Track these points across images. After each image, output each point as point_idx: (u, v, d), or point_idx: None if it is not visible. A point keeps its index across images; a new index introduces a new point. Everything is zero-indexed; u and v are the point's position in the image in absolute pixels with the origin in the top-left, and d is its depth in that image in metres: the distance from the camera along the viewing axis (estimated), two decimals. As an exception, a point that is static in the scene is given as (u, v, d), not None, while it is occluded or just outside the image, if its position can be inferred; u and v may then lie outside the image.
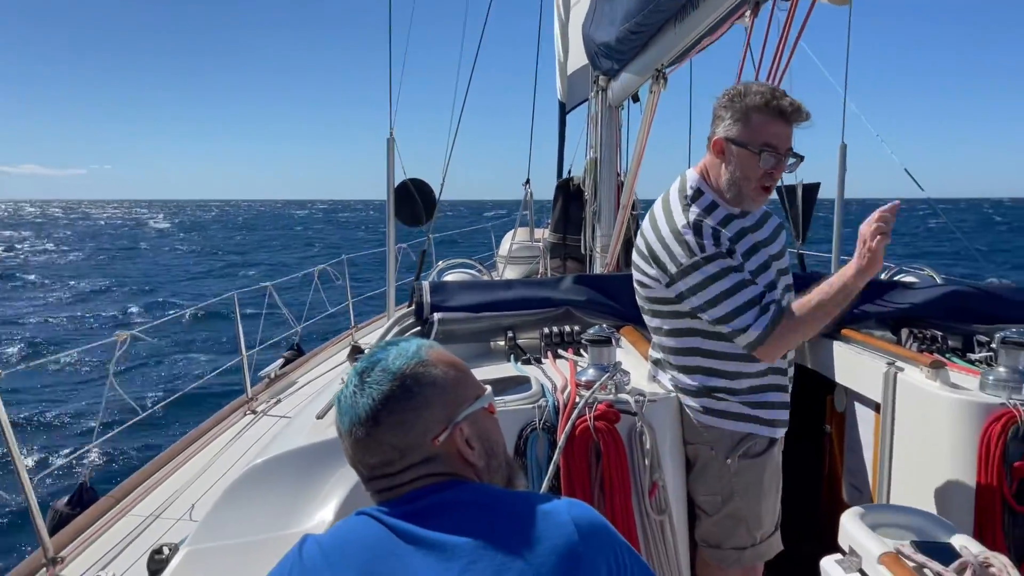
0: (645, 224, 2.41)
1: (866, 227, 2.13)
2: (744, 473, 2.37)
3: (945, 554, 1.77)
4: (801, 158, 2.29)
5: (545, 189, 7.15)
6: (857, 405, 3.14)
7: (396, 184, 5.58)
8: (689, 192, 2.34)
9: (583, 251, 6.15)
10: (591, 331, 2.55)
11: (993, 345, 2.68)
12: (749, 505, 2.39)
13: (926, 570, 1.74)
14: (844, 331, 3.28)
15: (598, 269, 5.50)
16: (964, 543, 1.84)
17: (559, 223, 6.73)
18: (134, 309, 22.95)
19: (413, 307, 3.36)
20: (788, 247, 2.55)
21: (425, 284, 3.40)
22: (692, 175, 2.38)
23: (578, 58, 7.13)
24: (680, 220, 2.29)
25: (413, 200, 5.72)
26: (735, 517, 2.40)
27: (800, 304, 2.24)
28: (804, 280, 3.48)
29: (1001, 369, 2.51)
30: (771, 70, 3.45)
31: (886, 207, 2.14)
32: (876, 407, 2.89)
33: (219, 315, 16.35)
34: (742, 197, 2.30)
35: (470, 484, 1.24)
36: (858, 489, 3.15)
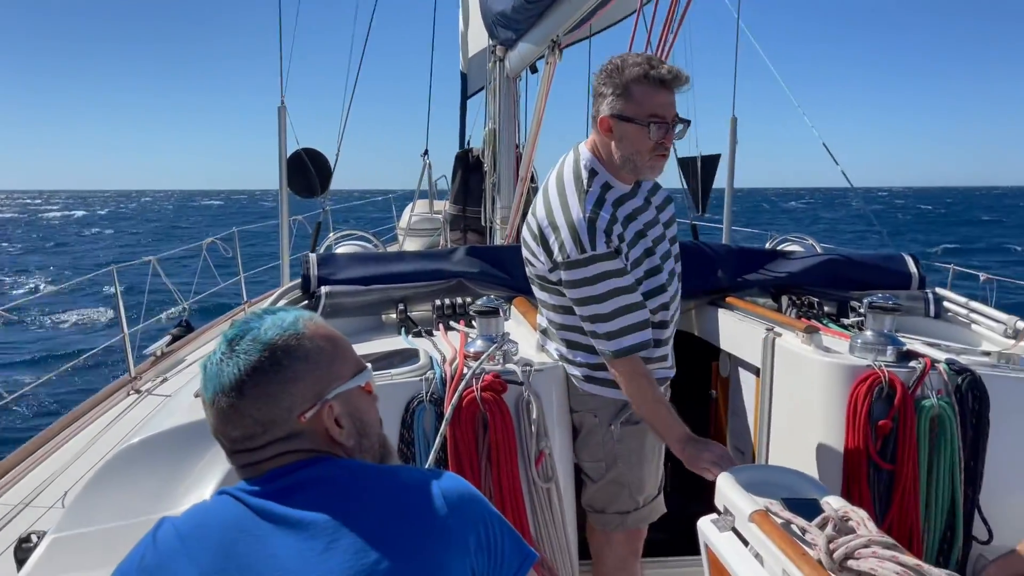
0: (539, 204, 2.36)
1: (701, 463, 2.24)
2: (627, 439, 2.42)
3: (811, 510, 1.85)
4: (688, 123, 2.29)
5: (449, 163, 7.10)
6: (740, 370, 3.26)
7: (288, 154, 5.43)
8: (585, 175, 2.30)
9: (483, 223, 6.14)
10: (479, 302, 2.54)
11: (862, 310, 2.81)
12: (632, 470, 2.44)
13: (792, 526, 1.82)
14: (728, 299, 3.39)
15: (498, 241, 5.50)
16: (828, 499, 1.92)
17: (459, 195, 6.70)
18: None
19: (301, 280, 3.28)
20: (681, 217, 2.61)
21: (312, 256, 3.33)
22: (585, 153, 2.35)
23: (482, 34, 7.07)
24: (576, 212, 2.24)
25: (307, 170, 5.58)
26: (618, 482, 2.45)
27: (644, 373, 2.31)
28: (695, 249, 3.58)
29: (868, 333, 2.63)
30: (660, 43, 3.50)
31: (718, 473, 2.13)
32: (757, 372, 3.00)
33: (96, 292, 15.66)
34: (639, 170, 2.30)
35: (336, 460, 1.21)
36: (741, 451, 3.27)
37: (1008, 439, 2.51)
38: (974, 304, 3.38)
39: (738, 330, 3.21)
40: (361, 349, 2.85)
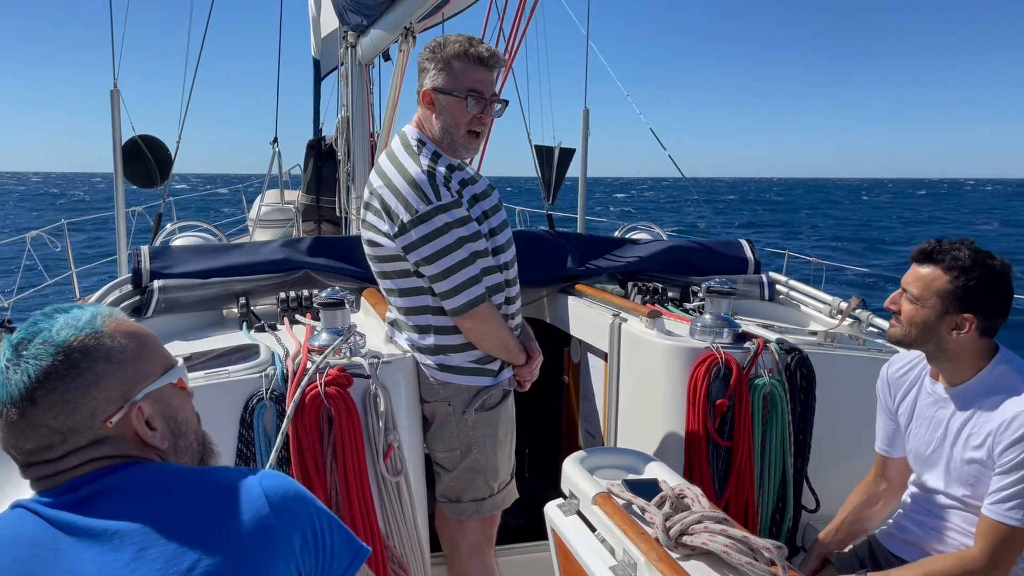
0: (374, 180, 2.38)
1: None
2: (481, 426, 2.42)
3: (650, 489, 1.91)
4: (506, 103, 2.44)
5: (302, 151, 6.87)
6: (590, 356, 3.33)
7: (124, 141, 5.09)
8: (414, 143, 2.37)
9: (338, 213, 5.99)
10: (323, 294, 2.47)
11: (701, 295, 2.93)
12: (487, 456, 2.44)
13: (633, 506, 1.87)
14: (578, 286, 3.45)
15: (354, 231, 5.38)
16: (666, 477, 1.99)
17: (312, 184, 6.50)
18: None
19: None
20: (537, 206, 2.66)
21: (144, 249, 3.12)
22: (411, 129, 2.42)
23: (334, 19, 6.89)
24: (413, 168, 2.31)
25: (144, 158, 5.25)
26: (474, 469, 2.45)
27: (496, 314, 2.38)
28: (546, 238, 3.62)
29: (707, 316, 2.74)
30: (513, 28, 3.51)
31: None
32: (605, 356, 3.07)
33: None
34: (455, 145, 2.37)
35: (146, 464, 1.12)
36: (592, 435, 3.34)
37: (832, 413, 2.69)
38: (803, 287, 3.60)
39: (587, 316, 3.27)
40: (198, 346, 2.71)
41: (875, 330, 3.15)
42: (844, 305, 3.29)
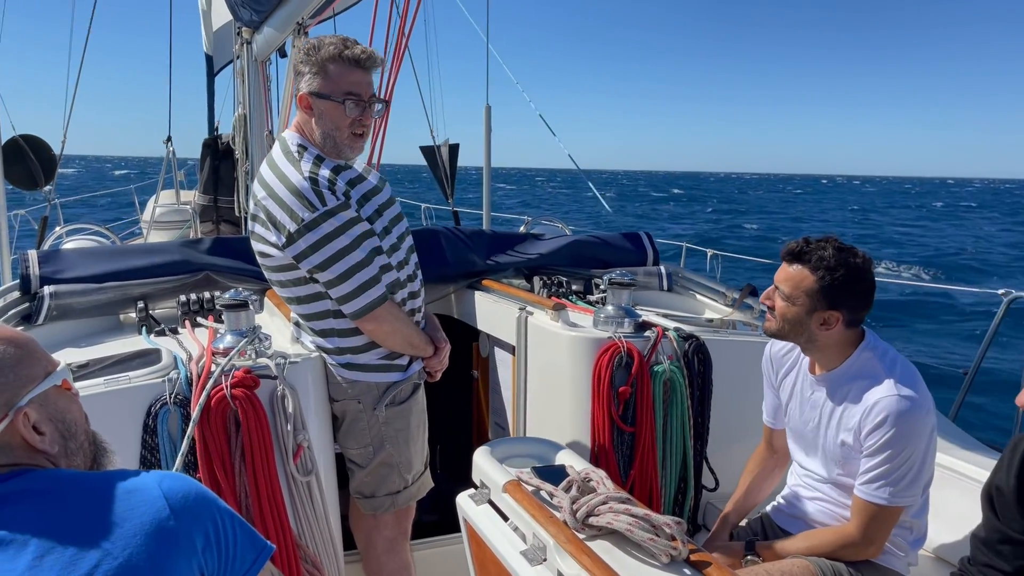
0: (257, 191, 2.34)
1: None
2: (393, 420, 2.43)
3: (558, 475, 1.97)
4: (386, 103, 2.40)
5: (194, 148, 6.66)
6: (498, 349, 3.38)
7: (3, 141, 4.84)
8: (294, 149, 2.34)
9: (237, 213, 5.86)
10: (226, 295, 2.43)
11: (603, 287, 3.02)
12: (400, 450, 2.46)
13: (542, 492, 1.93)
14: (485, 281, 3.50)
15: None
16: (573, 463, 2.06)
17: (209, 184, 6.33)
18: None
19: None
20: (441, 203, 2.68)
21: (32, 254, 2.99)
22: (291, 134, 2.39)
23: (223, 11, 6.71)
24: (294, 176, 2.27)
25: (26, 159, 5.00)
26: (388, 464, 2.46)
27: (397, 312, 2.39)
28: (453, 235, 3.65)
29: (609, 307, 2.84)
30: (402, 22, 3.52)
31: None
32: (513, 350, 3.13)
33: None
34: (339, 148, 2.36)
35: (39, 471, 1.11)
36: (501, 427, 3.40)
37: (728, 395, 2.83)
38: (700, 277, 3.75)
39: (494, 311, 3.33)
40: (95, 352, 2.62)
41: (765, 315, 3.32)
42: (736, 293, 3.46)
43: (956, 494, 2.60)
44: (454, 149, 6.58)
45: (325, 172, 2.30)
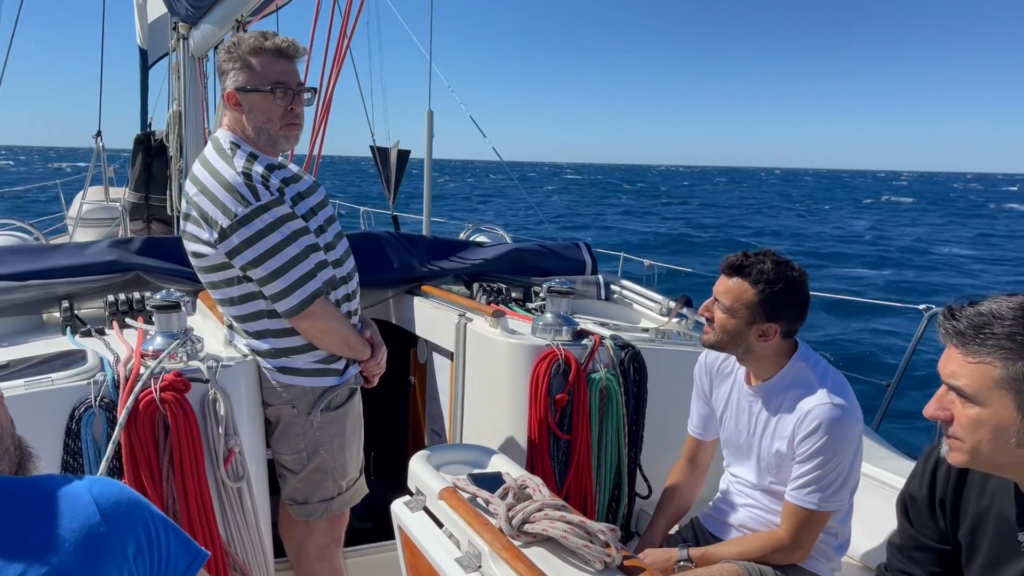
0: (189, 188, 2.31)
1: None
2: (327, 426, 2.40)
3: (494, 482, 1.97)
4: (315, 91, 2.42)
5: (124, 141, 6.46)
6: (436, 355, 3.37)
7: None
8: (227, 147, 2.31)
9: (170, 212, 5.71)
10: (157, 296, 2.37)
11: (542, 294, 3.04)
12: (334, 456, 2.43)
13: (478, 499, 1.93)
14: (424, 287, 3.48)
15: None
16: (509, 470, 2.06)
17: (140, 181, 6.15)
18: None
19: None
20: (382, 207, 2.65)
21: None
22: (223, 133, 2.35)
23: (160, 6, 6.54)
24: (227, 171, 2.24)
25: None
26: (322, 470, 2.43)
27: (333, 311, 2.35)
28: (392, 240, 3.63)
29: (548, 315, 2.86)
30: (344, 16, 3.49)
31: None
32: (451, 356, 3.13)
33: None
34: (274, 140, 2.33)
35: None
36: (438, 434, 3.39)
37: (662, 404, 2.87)
38: (636, 287, 3.80)
39: (433, 317, 3.31)
40: (15, 352, 2.53)
41: (702, 325, 3.38)
42: (672, 304, 3.51)
43: (878, 502, 2.69)
44: (404, 155, 6.56)
45: (259, 168, 2.27)
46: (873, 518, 2.64)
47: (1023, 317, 1.32)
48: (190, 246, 2.32)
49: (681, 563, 2.33)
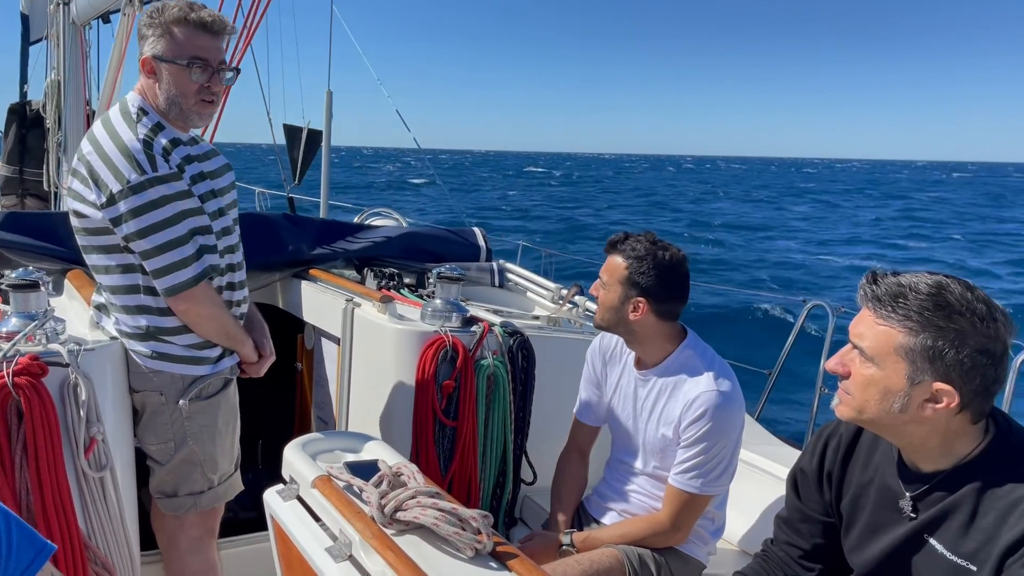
0: (84, 145, 2.20)
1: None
2: (197, 416, 2.30)
3: (370, 470, 1.92)
4: (237, 71, 2.34)
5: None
6: (324, 341, 3.29)
7: None
8: (134, 111, 2.22)
9: (46, 187, 5.40)
10: (13, 275, 2.22)
11: (431, 280, 3.01)
12: (204, 448, 2.33)
13: (353, 487, 1.88)
14: (312, 271, 3.39)
15: (65, 207, 4.87)
16: (387, 457, 2.02)
17: (14, 154, 5.79)
18: None
19: None
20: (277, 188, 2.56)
21: None
22: (133, 96, 2.26)
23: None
24: (127, 135, 2.15)
25: None
26: (190, 462, 2.33)
27: (213, 297, 2.27)
28: (280, 221, 3.52)
29: (437, 301, 2.82)
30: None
31: None
32: (338, 342, 3.06)
33: None
34: (186, 115, 2.24)
35: None
36: (325, 421, 3.31)
37: (551, 391, 2.88)
38: (530, 274, 3.82)
39: (321, 302, 3.23)
40: None
41: (591, 314, 3.42)
42: (565, 292, 3.54)
43: (755, 487, 2.78)
44: (315, 136, 6.40)
45: (162, 140, 2.18)
46: (749, 503, 2.73)
47: (936, 296, 1.40)
48: (73, 204, 2.21)
49: (564, 547, 2.35)
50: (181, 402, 2.27)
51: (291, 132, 6.39)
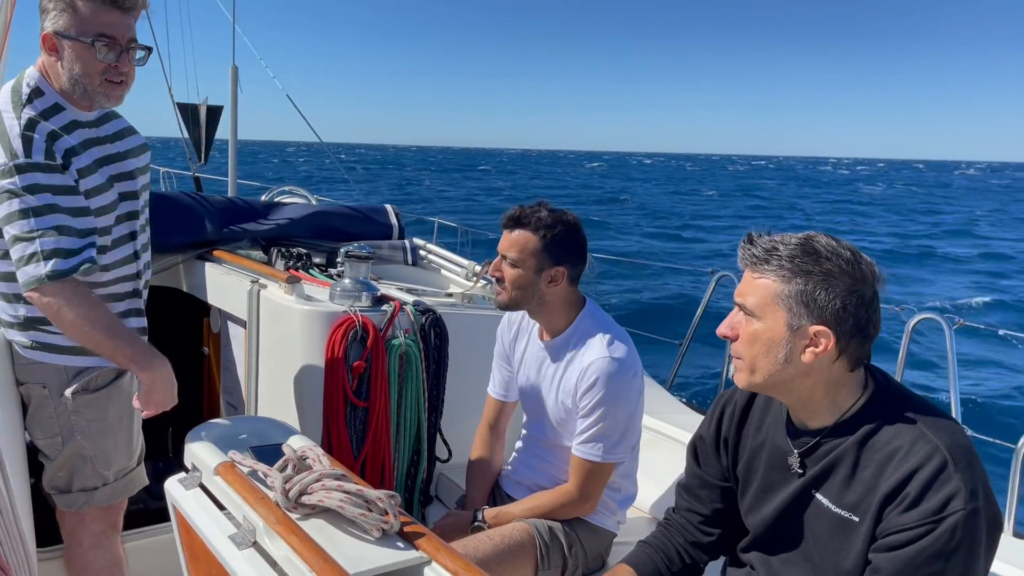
0: None
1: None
2: (85, 410, 2.19)
3: (275, 455, 1.88)
4: (149, 49, 2.17)
5: None
6: (230, 324, 3.20)
7: None
8: (26, 91, 2.07)
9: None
10: None
11: (339, 260, 2.95)
12: (94, 443, 2.23)
13: (258, 473, 1.84)
14: (216, 252, 3.29)
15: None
16: (292, 441, 1.98)
17: None
18: None
19: None
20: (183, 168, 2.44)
21: None
22: (32, 73, 2.11)
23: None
24: (8, 116, 2.02)
25: None
26: (80, 456, 2.23)
27: (88, 295, 2.08)
28: (181, 200, 3.39)
29: (347, 280, 2.77)
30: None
31: None
32: (245, 324, 2.98)
33: None
34: (91, 96, 2.10)
35: None
36: (234, 406, 3.23)
37: (465, 368, 2.87)
38: (444, 252, 3.79)
39: (226, 284, 3.14)
40: None
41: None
42: (479, 268, 3.53)
43: (663, 455, 2.85)
44: (215, 111, 6.20)
45: (50, 126, 2.03)
46: (660, 470, 2.79)
47: (804, 244, 1.49)
48: None
49: (475, 524, 2.36)
50: (65, 394, 2.16)
51: (187, 110, 6.19)
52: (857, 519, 1.48)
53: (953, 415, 2.94)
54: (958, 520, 1.36)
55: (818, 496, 1.56)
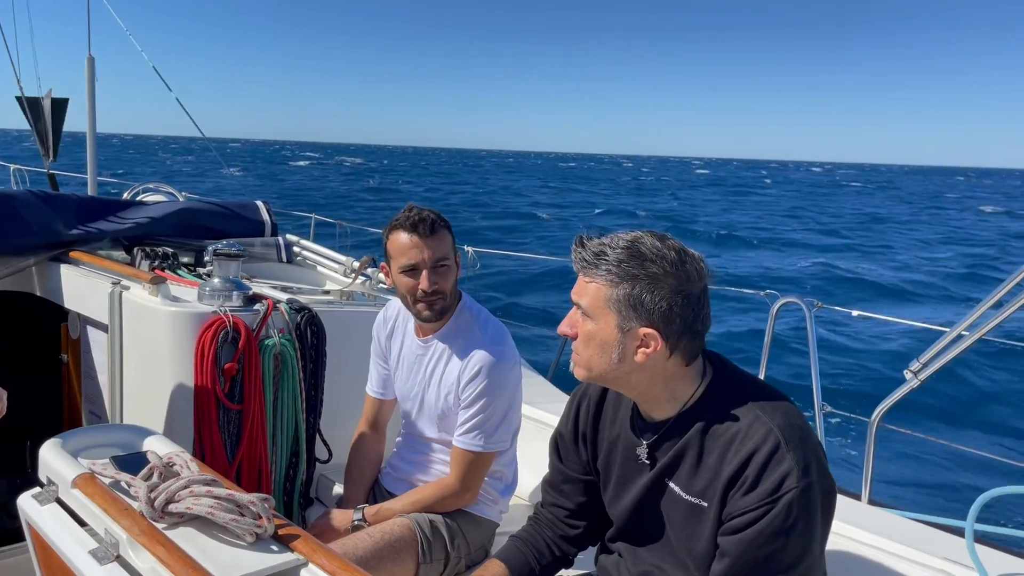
0: None
1: None
2: None
3: (140, 463, 1.80)
4: None
5: None
6: (90, 329, 3.03)
7: None
8: None
9: None
10: None
11: (207, 258, 2.84)
12: None
13: (122, 483, 1.75)
14: (73, 254, 3.10)
15: None
16: (159, 448, 1.89)
17: None
18: None
19: None
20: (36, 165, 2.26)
21: None
22: None
23: None
24: None
25: None
26: None
27: None
28: (31, 199, 3.17)
29: (215, 280, 2.67)
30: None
31: None
32: (107, 329, 2.82)
33: None
34: None
35: None
36: (97, 415, 3.06)
37: (344, 366, 2.82)
38: (320, 248, 3.71)
39: (85, 287, 2.96)
40: None
41: (384, 286, 3.38)
42: (357, 264, 3.47)
43: (544, 444, 2.88)
44: (60, 104, 5.82)
45: None
46: (541, 460, 2.82)
47: (630, 248, 1.51)
48: None
49: (355, 523, 2.33)
50: None
51: (30, 104, 5.82)
52: (706, 504, 1.54)
53: (814, 393, 3.14)
54: (792, 498, 1.42)
55: (671, 485, 1.61)
